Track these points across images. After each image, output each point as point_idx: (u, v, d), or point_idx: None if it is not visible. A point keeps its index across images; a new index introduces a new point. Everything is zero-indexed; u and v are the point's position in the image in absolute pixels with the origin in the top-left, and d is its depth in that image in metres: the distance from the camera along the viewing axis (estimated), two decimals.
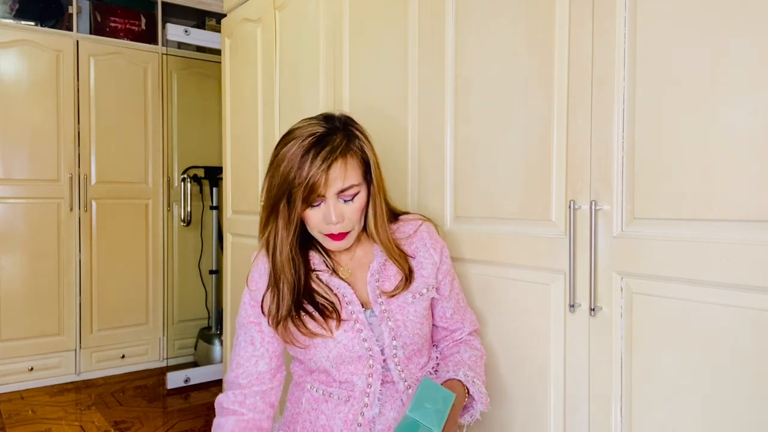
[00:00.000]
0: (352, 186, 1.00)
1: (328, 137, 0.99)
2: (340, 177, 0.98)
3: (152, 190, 3.60)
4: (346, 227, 1.02)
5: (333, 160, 0.97)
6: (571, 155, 1.06)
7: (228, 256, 2.33)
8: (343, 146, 0.99)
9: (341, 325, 1.03)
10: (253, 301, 1.09)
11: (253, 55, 2.11)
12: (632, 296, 0.97)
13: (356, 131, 1.04)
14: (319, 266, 1.08)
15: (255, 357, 1.08)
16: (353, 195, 1.01)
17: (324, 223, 1.01)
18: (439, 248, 1.13)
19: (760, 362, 0.82)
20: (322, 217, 1.00)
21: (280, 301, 1.04)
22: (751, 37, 0.82)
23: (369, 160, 1.04)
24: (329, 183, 0.98)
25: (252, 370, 1.08)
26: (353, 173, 1.00)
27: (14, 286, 3.18)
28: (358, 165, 1.01)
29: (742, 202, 0.83)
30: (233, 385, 1.09)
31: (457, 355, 1.13)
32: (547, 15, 1.09)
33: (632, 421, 0.98)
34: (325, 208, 1.00)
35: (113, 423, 2.73)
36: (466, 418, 1.07)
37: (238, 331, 1.12)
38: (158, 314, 3.63)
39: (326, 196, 0.99)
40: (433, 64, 1.34)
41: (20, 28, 3.19)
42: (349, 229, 1.03)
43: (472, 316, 1.19)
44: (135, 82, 3.52)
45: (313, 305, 1.04)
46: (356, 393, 1.04)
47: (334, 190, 0.99)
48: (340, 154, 0.98)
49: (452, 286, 1.15)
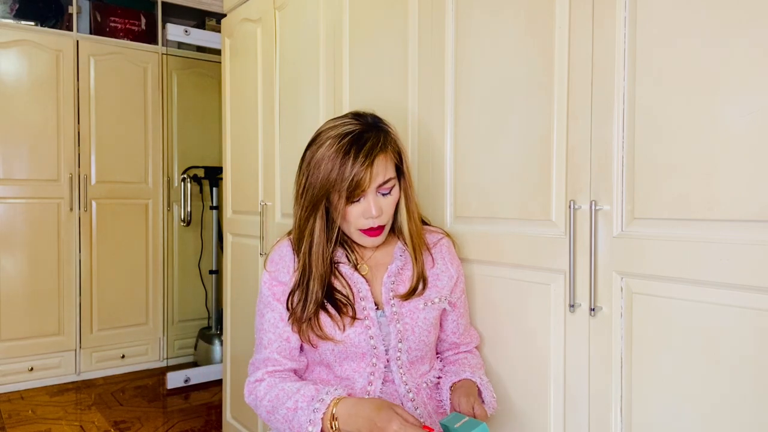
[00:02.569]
0: (391, 179, 1.04)
1: (365, 134, 1.02)
2: (382, 172, 1.02)
3: (152, 190, 3.60)
4: (383, 221, 1.06)
5: (375, 156, 1.01)
6: (571, 155, 1.06)
7: (228, 256, 2.33)
8: (381, 142, 1.03)
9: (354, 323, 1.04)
10: (274, 281, 1.10)
11: (253, 55, 2.11)
12: (632, 296, 0.97)
13: (387, 127, 1.08)
14: (341, 259, 1.10)
15: (287, 332, 1.08)
16: (390, 188, 1.05)
17: (363, 218, 1.03)
18: (456, 265, 1.17)
19: (760, 362, 0.82)
20: (361, 212, 1.03)
21: (307, 300, 1.05)
22: (752, 37, 0.82)
23: (402, 155, 1.08)
24: (373, 178, 1.01)
25: (285, 346, 1.08)
26: (391, 167, 1.05)
27: (14, 286, 3.18)
28: (393, 159, 1.06)
29: (742, 202, 0.83)
30: (268, 362, 1.07)
31: (468, 359, 1.17)
32: (547, 15, 1.09)
33: (632, 421, 0.98)
34: (365, 203, 1.03)
35: (113, 423, 2.73)
36: None
37: (263, 310, 1.10)
38: (158, 314, 3.63)
39: (367, 191, 1.02)
40: (433, 63, 1.34)
41: (20, 28, 3.19)
42: (386, 223, 1.07)
43: (474, 333, 1.23)
44: (135, 82, 3.52)
45: (330, 301, 1.05)
46: (357, 391, 1.05)
47: (375, 184, 1.02)
48: (380, 149, 1.02)
49: (464, 304, 1.20)
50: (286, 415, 0.99)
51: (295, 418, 0.97)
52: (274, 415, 1.01)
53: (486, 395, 1.09)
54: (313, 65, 1.77)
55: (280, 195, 1.94)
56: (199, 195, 3.71)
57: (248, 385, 1.08)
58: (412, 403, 1.06)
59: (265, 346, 1.08)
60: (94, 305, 3.42)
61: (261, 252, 2.03)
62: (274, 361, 1.07)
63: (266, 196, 2.02)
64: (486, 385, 1.11)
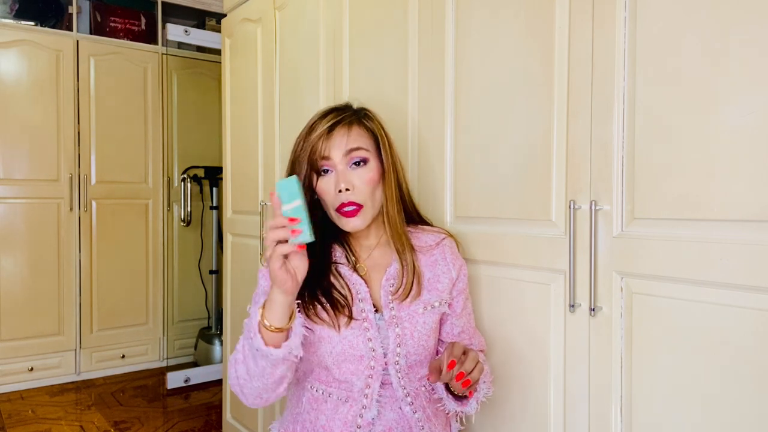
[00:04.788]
0: (360, 148, 1.03)
1: (337, 110, 1.05)
2: (344, 138, 1.02)
3: (152, 190, 3.60)
4: (357, 197, 1.02)
5: (336, 123, 1.02)
6: (571, 155, 1.06)
7: (228, 256, 2.33)
8: (349, 115, 1.04)
9: (351, 323, 1.03)
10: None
11: (253, 55, 2.11)
12: (632, 296, 0.97)
13: (368, 112, 1.09)
14: (340, 259, 1.09)
15: None
16: (361, 159, 1.03)
17: (335, 191, 1.02)
18: (458, 266, 1.13)
19: (761, 362, 0.82)
20: (333, 185, 1.03)
21: None
22: (752, 36, 0.82)
23: (377, 134, 1.07)
24: (333, 144, 1.01)
25: None
26: (360, 138, 1.04)
27: (14, 286, 3.18)
28: (365, 134, 1.05)
29: (742, 202, 0.83)
30: None
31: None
32: (547, 15, 1.09)
33: (632, 420, 0.98)
34: (334, 175, 1.03)
35: (113, 423, 2.73)
36: (472, 404, 1.06)
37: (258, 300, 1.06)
38: (158, 314, 3.63)
39: (332, 159, 1.02)
40: (433, 64, 1.34)
41: (20, 28, 3.19)
42: (361, 202, 1.03)
43: (480, 338, 1.19)
44: (135, 82, 3.52)
45: (327, 298, 1.04)
46: (355, 393, 1.04)
47: (339, 151, 1.02)
48: (344, 119, 1.03)
49: (464, 306, 1.15)
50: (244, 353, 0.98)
51: (248, 348, 0.97)
52: (245, 366, 0.99)
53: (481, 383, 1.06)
54: (313, 65, 1.77)
55: None
56: (199, 195, 3.71)
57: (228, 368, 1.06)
58: (410, 406, 1.06)
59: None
60: (94, 305, 3.42)
61: (261, 252, 2.03)
62: None
63: (266, 196, 2.02)
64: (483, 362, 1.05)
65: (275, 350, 0.92)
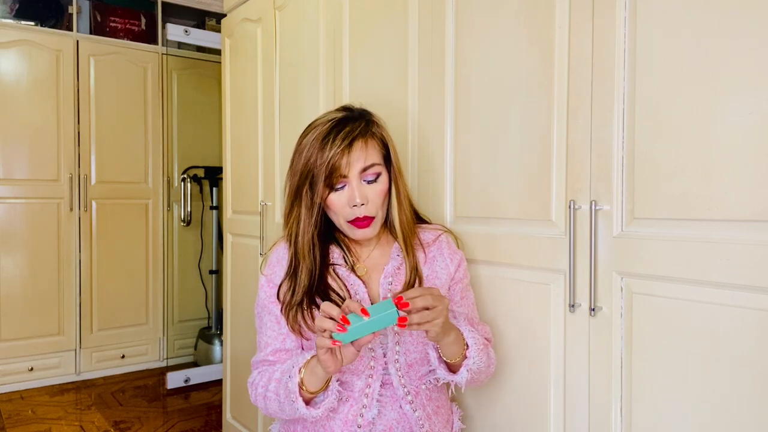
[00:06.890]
0: (374, 165, 1.03)
1: (348, 121, 1.03)
2: (362, 156, 1.01)
3: (152, 190, 3.60)
4: (370, 211, 1.04)
5: (353, 139, 1.01)
6: (571, 155, 1.06)
7: (228, 256, 2.33)
8: (362, 127, 1.03)
9: None
10: (271, 283, 1.10)
11: (253, 55, 2.11)
12: (632, 296, 0.97)
13: (374, 118, 1.08)
14: (338, 260, 1.09)
15: (282, 335, 1.08)
16: (375, 175, 1.03)
17: (348, 206, 1.02)
18: (457, 259, 1.14)
19: (761, 362, 0.82)
20: (346, 200, 1.02)
21: (296, 288, 1.05)
22: (751, 36, 0.82)
23: (388, 143, 1.07)
24: (351, 162, 1.01)
25: (280, 347, 1.08)
26: (374, 153, 1.04)
27: (14, 286, 3.18)
28: (378, 147, 1.05)
29: (742, 202, 0.83)
30: (263, 363, 1.09)
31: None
32: (547, 15, 1.09)
33: (632, 420, 0.98)
34: (348, 191, 1.02)
35: (113, 423, 2.74)
36: (462, 373, 1.03)
37: (261, 313, 1.11)
38: (158, 314, 3.63)
39: (349, 177, 1.01)
40: (433, 64, 1.34)
41: (20, 28, 3.19)
42: (374, 214, 1.04)
43: (485, 327, 1.17)
44: (135, 82, 3.52)
45: (325, 300, 1.03)
46: (355, 393, 1.04)
47: (356, 169, 1.01)
48: (360, 134, 1.02)
49: (464, 295, 1.15)
50: (277, 400, 1.02)
51: (284, 397, 1.01)
52: (277, 404, 1.03)
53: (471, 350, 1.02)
54: (313, 65, 1.77)
55: (280, 195, 1.94)
56: (199, 195, 3.71)
57: (248, 387, 1.10)
58: (410, 405, 1.06)
59: (262, 348, 1.10)
60: (94, 305, 3.42)
61: (261, 252, 2.03)
62: (268, 363, 1.08)
63: (266, 196, 2.02)
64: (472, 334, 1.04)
65: (315, 411, 0.98)
